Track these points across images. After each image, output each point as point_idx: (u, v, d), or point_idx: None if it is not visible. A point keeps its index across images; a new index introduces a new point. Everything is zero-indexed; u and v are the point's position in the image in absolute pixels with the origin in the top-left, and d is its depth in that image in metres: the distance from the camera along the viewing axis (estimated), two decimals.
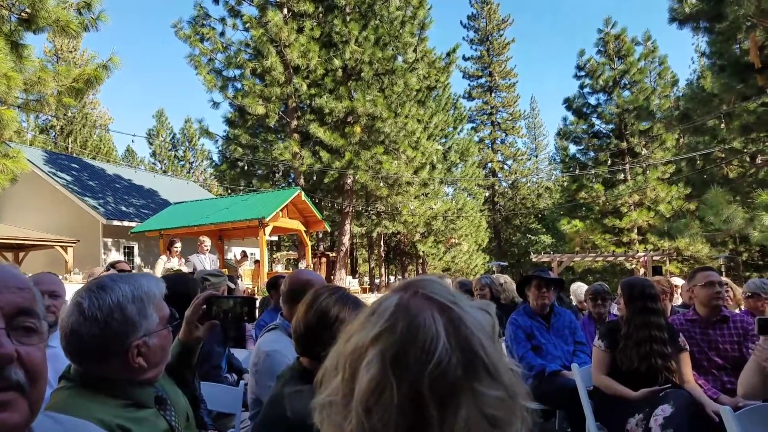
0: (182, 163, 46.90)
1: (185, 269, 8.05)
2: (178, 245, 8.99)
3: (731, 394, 3.19)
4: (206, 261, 8.72)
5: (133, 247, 19.84)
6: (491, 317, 0.69)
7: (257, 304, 1.88)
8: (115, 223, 18.70)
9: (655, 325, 3.13)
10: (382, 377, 0.62)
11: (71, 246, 17.51)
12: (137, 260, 19.91)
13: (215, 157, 25.24)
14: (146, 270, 18.76)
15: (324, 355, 1.58)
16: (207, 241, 9.06)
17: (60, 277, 3.05)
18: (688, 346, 3.23)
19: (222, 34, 19.94)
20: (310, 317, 1.70)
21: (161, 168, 44.60)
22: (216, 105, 20.41)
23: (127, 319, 1.34)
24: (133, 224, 18.61)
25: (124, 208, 20.71)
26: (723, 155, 14.26)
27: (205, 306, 1.79)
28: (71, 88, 9.59)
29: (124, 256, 19.32)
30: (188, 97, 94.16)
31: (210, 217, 16.15)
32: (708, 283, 3.44)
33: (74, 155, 28.96)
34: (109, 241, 19.01)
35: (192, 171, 46.66)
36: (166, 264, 8.63)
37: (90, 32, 9.77)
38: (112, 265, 5.27)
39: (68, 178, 20.77)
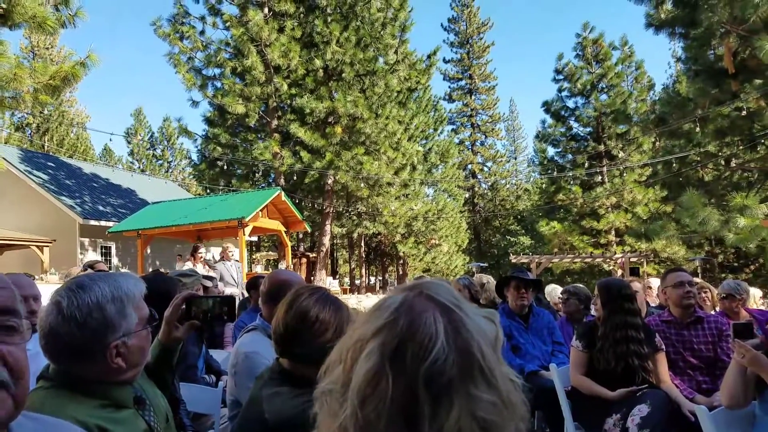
0: (160, 162, 46.35)
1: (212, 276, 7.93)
2: (203, 250, 8.81)
3: (706, 393, 3.26)
4: (232, 268, 8.35)
5: (110, 247, 19.55)
6: (495, 326, 0.71)
7: (237, 304, 1.87)
8: (92, 222, 18.40)
9: (631, 325, 3.18)
10: (379, 369, 0.64)
11: (47, 246, 17.19)
12: (114, 260, 19.62)
13: (194, 157, 25.05)
14: (123, 270, 18.50)
15: (302, 354, 1.58)
16: (232, 247, 8.79)
17: (36, 277, 3.00)
18: (664, 346, 3.30)
19: (202, 32, 19.76)
20: (290, 318, 1.67)
21: (139, 167, 44.04)
22: (195, 104, 20.23)
23: (107, 319, 1.33)
24: (110, 224, 18.33)
25: (101, 208, 20.40)
26: (698, 158, 14.53)
27: (184, 306, 1.78)
28: (48, 86, 9.42)
29: (101, 256, 19.02)
30: (167, 96, 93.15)
31: (188, 217, 15.97)
32: (678, 283, 3.51)
33: (51, 154, 28.40)
34: (86, 240, 18.70)
35: (170, 170, 46.13)
36: None
37: (67, 29, 9.61)
38: (90, 265, 5.19)
39: (44, 176, 20.39)
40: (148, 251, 18.31)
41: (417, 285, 0.73)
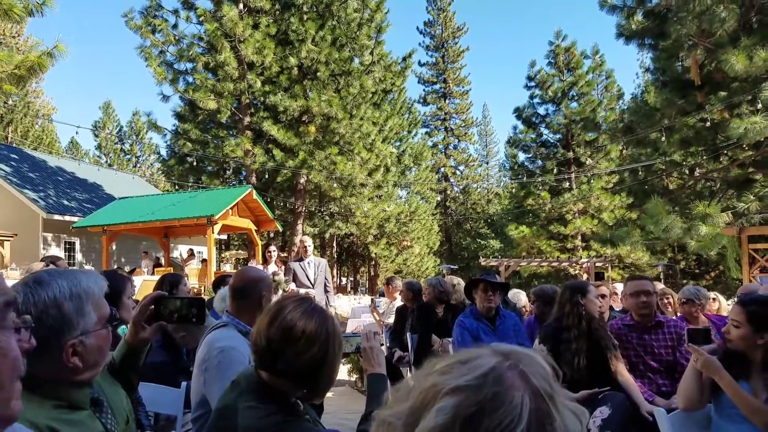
0: (128, 157, 45.49)
1: (283, 278, 7.14)
2: (273, 248, 8.04)
3: (666, 396, 3.35)
4: (309, 267, 7.08)
5: (74, 242, 19.10)
6: (580, 426, 0.65)
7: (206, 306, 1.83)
8: (56, 217, 17.96)
9: (594, 326, 3.27)
10: (448, 430, 0.61)
11: (8, 240, 16.67)
12: (78, 256, 19.18)
13: (163, 152, 24.62)
14: (87, 267, 18.08)
15: (283, 370, 1.54)
16: (308, 241, 7.32)
17: None
18: (617, 343, 3.40)
19: (175, 26, 19.43)
20: (273, 332, 1.56)
21: (106, 161, 43.12)
22: (166, 98, 19.84)
23: (63, 316, 1.29)
24: (75, 219, 17.91)
25: (66, 202, 19.91)
26: (663, 167, 14.87)
27: (153, 307, 1.74)
28: (13, 75, 9.15)
29: (65, 252, 18.59)
30: (137, 90, 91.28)
31: (156, 213, 15.69)
32: (634, 293, 3.61)
33: (14, 145, 27.60)
34: (50, 235, 18.24)
35: (138, 165, 45.30)
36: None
37: (35, 18, 9.34)
38: (52, 260, 5.04)
39: (7, 169, 19.80)
40: (114, 248, 17.94)
41: (514, 354, 0.68)
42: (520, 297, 6.50)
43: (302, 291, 6.24)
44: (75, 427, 1.31)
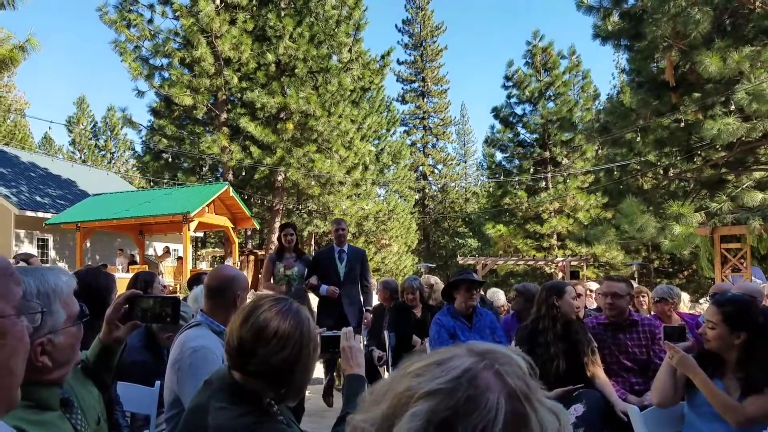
0: (103, 153, 44.75)
1: None
2: (291, 231, 5.83)
3: (639, 394, 3.40)
4: (341, 258, 5.73)
5: (47, 239, 18.71)
6: (560, 425, 0.64)
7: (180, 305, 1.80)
8: (29, 213, 17.57)
9: (574, 328, 3.30)
10: None
11: None
12: (52, 254, 18.81)
13: (138, 148, 24.13)
14: (61, 264, 17.73)
15: (255, 371, 1.51)
16: (343, 223, 5.76)
17: None
18: (595, 343, 3.44)
19: (150, 21, 19.11)
20: (246, 332, 1.53)
21: (80, 157, 42.33)
22: (141, 94, 19.53)
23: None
24: (48, 215, 17.56)
25: (38, 198, 19.50)
26: (638, 167, 15.09)
27: (127, 305, 1.72)
28: None
29: (38, 249, 18.20)
30: (112, 85, 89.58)
31: (131, 210, 15.47)
32: (603, 294, 3.68)
33: None
34: (22, 232, 17.83)
35: (113, 162, 44.55)
36: None
37: (6, 10, 9.09)
38: (24, 258, 4.91)
39: None
40: (88, 245, 17.61)
41: (490, 354, 0.66)
42: (499, 296, 6.55)
43: (325, 289, 5.32)
44: (44, 428, 1.28)
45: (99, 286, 2.84)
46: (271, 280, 5.59)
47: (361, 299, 5.60)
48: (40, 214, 17.80)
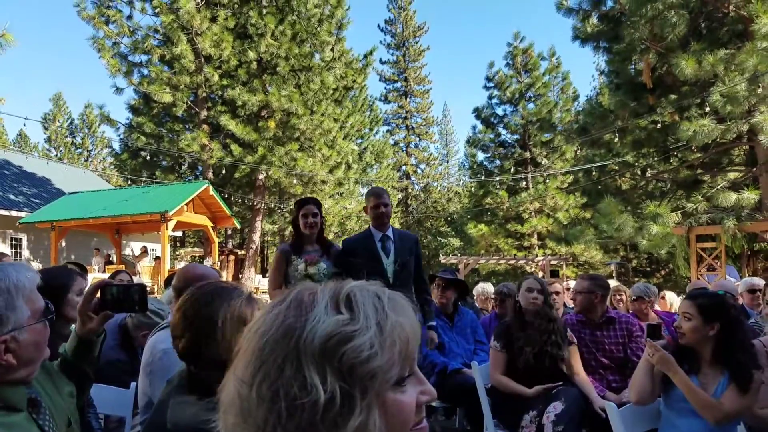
0: (80, 150, 44.04)
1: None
2: (314, 208, 3.51)
3: (616, 392, 3.43)
4: (386, 247, 4.09)
5: (21, 239, 18.37)
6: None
7: (147, 292, 1.77)
8: (2, 212, 17.26)
9: (548, 323, 3.32)
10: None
11: None
12: (26, 253, 18.47)
13: (116, 146, 23.81)
14: (35, 264, 17.39)
15: (204, 361, 1.48)
16: (386, 197, 4.00)
17: None
18: (576, 340, 3.47)
19: (129, 17, 18.87)
20: (182, 323, 1.51)
21: (56, 155, 41.61)
22: (119, 91, 19.23)
23: None
24: (22, 214, 17.24)
25: (12, 197, 19.12)
26: (616, 168, 15.29)
27: (99, 296, 1.68)
28: None
29: (11, 249, 17.85)
30: (89, 82, 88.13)
31: (107, 209, 15.25)
32: (574, 291, 3.76)
33: None
34: None
35: (90, 159, 43.88)
36: None
37: None
38: None
39: None
40: (63, 244, 17.33)
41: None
42: (490, 290, 6.46)
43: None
44: (10, 430, 1.24)
45: (53, 283, 2.75)
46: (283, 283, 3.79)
47: (420, 314, 3.66)
48: (14, 213, 17.49)
